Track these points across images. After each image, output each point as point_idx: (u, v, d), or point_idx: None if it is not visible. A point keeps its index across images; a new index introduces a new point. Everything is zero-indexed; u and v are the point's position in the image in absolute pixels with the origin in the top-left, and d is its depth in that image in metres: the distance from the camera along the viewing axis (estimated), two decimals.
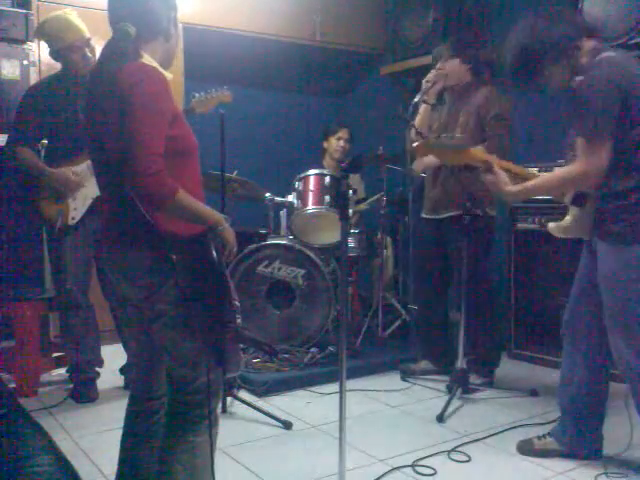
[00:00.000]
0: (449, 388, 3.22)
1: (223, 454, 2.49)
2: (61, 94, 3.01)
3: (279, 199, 3.82)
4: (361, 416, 2.96)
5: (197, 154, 1.74)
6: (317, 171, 3.81)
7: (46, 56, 3.23)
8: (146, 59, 1.66)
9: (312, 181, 3.74)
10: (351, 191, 3.62)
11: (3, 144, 3.22)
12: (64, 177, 3.02)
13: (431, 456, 2.52)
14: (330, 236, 3.72)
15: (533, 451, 2.54)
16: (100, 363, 3.27)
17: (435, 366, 3.55)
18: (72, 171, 3.02)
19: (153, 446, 1.82)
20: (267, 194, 3.78)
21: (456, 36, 3.40)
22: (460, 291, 3.14)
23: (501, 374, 3.45)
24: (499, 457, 2.54)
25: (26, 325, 3.23)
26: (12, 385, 3.16)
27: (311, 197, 3.70)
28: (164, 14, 1.73)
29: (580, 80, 2.13)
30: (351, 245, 3.97)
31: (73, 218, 3.06)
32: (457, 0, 4.34)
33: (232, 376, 2.14)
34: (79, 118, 2.83)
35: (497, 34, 4.33)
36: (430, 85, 3.31)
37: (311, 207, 3.67)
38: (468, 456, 2.53)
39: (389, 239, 4.41)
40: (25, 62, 3.71)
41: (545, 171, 3.70)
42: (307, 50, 4.86)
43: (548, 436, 2.54)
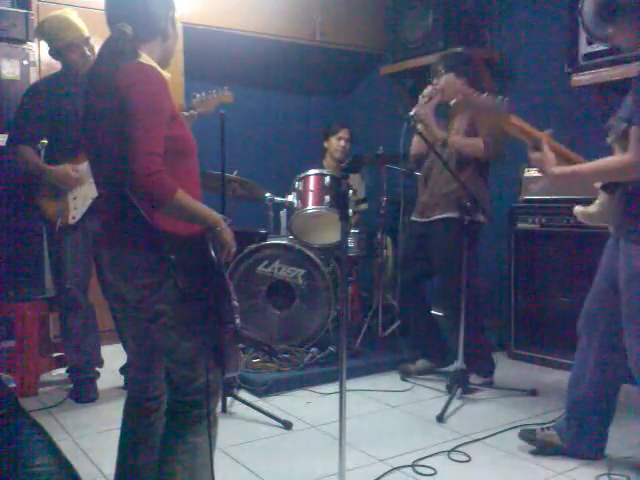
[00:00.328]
0: (449, 388, 3.22)
1: (223, 454, 2.49)
2: (61, 93, 3.02)
3: (279, 199, 3.82)
4: (361, 416, 2.96)
5: (196, 154, 1.74)
6: (317, 171, 3.81)
7: (46, 56, 3.23)
8: (144, 59, 1.65)
9: (312, 181, 3.74)
10: (351, 191, 3.64)
11: (3, 144, 3.22)
12: (63, 173, 3.02)
13: (431, 456, 2.52)
14: (330, 236, 3.72)
15: (534, 440, 2.53)
16: (100, 363, 3.28)
17: (431, 363, 3.56)
18: (73, 169, 3.02)
19: (152, 446, 1.81)
20: (267, 194, 3.78)
21: (449, 52, 3.39)
22: (443, 293, 3.14)
23: (501, 374, 3.45)
24: (499, 457, 2.54)
25: (26, 325, 3.22)
26: (12, 385, 3.16)
27: (311, 197, 3.70)
28: (162, 14, 1.72)
29: None
30: (351, 245, 3.96)
31: (73, 218, 3.06)
32: (457, 0, 4.34)
33: (231, 376, 2.13)
34: (79, 117, 2.82)
35: (497, 34, 4.34)
36: (427, 100, 3.32)
37: (311, 207, 3.67)
38: (468, 456, 2.53)
39: (389, 239, 4.40)
40: (25, 62, 3.71)
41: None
42: (307, 50, 4.86)
43: (552, 429, 2.53)
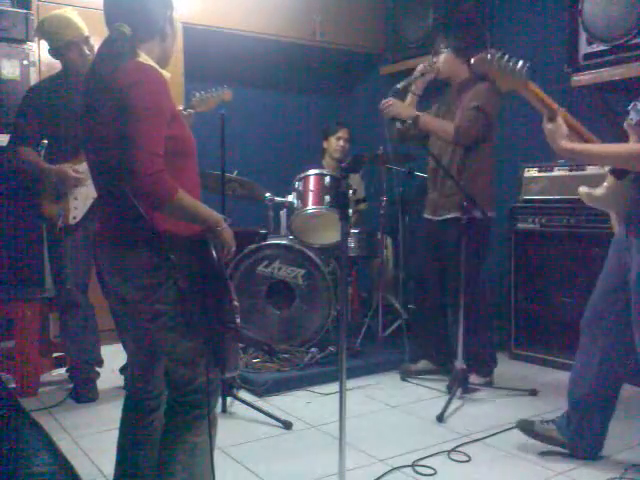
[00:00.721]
0: (449, 388, 3.22)
1: (223, 454, 2.49)
2: (61, 94, 3.01)
3: (279, 199, 3.82)
4: (361, 416, 2.96)
5: (195, 154, 1.74)
6: (317, 171, 3.80)
7: (46, 56, 3.23)
8: (143, 58, 1.64)
9: (312, 181, 3.74)
10: (351, 191, 3.64)
11: (4, 144, 3.22)
12: (63, 173, 3.01)
13: (431, 456, 2.52)
14: (330, 236, 3.71)
15: (533, 432, 2.53)
16: (100, 363, 3.27)
17: (434, 364, 3.55)
18: (73, 169, 3.02)
19: (151, 446, 1.81)
20: (267, 194, 3.78)
21: (454, 31, 3.38)
22: (451, 292, 3.13)
23: (501, 374, 3.45)
24: (499, 457, 2.54)
25: (26, 325, 3.22)
26: (12, 385, 3.16)
27: (311, 197, 3.70)
28: (160, 13, 1.72)
29: None
30: (351, 245, 3.96)
31: (74, 218, 3.06)
32: (457, 0, 4.34)
33: (231, 376, 2.13)
34: (79, 117, 2.83)
35: (497, 34, 4.34)
36: (419, 75, 3.31)
37: (311, 207, 3.67)
38: (468, 456, 2.53)
39: (389, 239, 4.41)
40: (25, 62, 3.71)
41: (545, 171, 3.73)
42: (307, 50, 4.86)
43: (552, 423, 2.52)
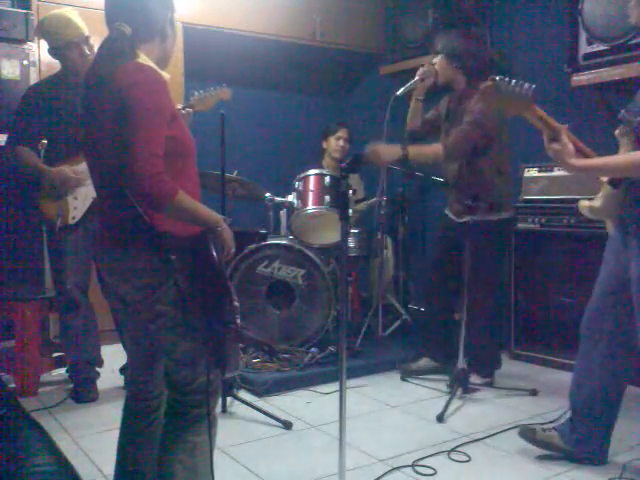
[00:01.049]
0: (449, 388, 3.22)
1: (223, 454, 2.49)
2: (60, 94, 3.01)
3: (279, 199, 3.82)
4: (361, 416, 2.96)
5: (195, 155, 1.74)
6: (317, 171, 3.81)
7: (46, 56, 3.23)
8: (142, 59, 1.64)
9: (312, 181, 3.74)
10: (351, 191, 3.63)
11: (3, 144, 3.22)
12: (63, 174, 3.01)
13: (431, 456, 2.52)
14: (330, 236, 3.71)
15: (534, 439, 2.50)
16: (100, 363, 3.28)
17: (435, 362, 3.54)
18: (72, 170, 3.02)
19: (151, 446, 1.81)
20: (267, 194, 3.78)
21: (447, 35, 3.35)
22: (462, 291, 3.11)
23: (501, 374, 3.45)
24: (499, 457, 2.54)
25: (26, 325, 3.22)
26: (12, 385, 3.16)
27: (311, 197, 3.70)
28: (161, 14, 1.72)
29: None
30: (351, 245, 3.96)
31: (74, 218, 3.06)
32: (457, 0, 4.34)
33: (231, 376, 2.13)
34: (78, 118, 2.83)
35: (497, 34, 4.34)
36: (418, 80, 3.29)
37: (311, 207, 3.67)
38: (468, 456, 2.53)
39: (389, 239, 4.41)
40: (25, 62, 3.71)
41: (545, 171, 3.73)
42: (307, 50, 4.85)
43: (553, 430, 2.48)
